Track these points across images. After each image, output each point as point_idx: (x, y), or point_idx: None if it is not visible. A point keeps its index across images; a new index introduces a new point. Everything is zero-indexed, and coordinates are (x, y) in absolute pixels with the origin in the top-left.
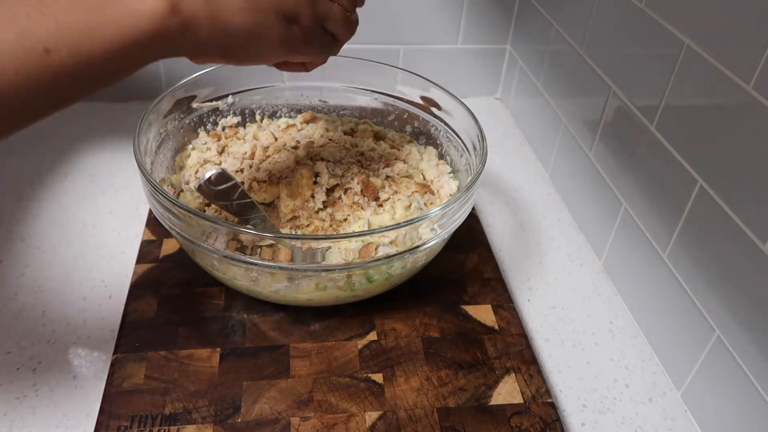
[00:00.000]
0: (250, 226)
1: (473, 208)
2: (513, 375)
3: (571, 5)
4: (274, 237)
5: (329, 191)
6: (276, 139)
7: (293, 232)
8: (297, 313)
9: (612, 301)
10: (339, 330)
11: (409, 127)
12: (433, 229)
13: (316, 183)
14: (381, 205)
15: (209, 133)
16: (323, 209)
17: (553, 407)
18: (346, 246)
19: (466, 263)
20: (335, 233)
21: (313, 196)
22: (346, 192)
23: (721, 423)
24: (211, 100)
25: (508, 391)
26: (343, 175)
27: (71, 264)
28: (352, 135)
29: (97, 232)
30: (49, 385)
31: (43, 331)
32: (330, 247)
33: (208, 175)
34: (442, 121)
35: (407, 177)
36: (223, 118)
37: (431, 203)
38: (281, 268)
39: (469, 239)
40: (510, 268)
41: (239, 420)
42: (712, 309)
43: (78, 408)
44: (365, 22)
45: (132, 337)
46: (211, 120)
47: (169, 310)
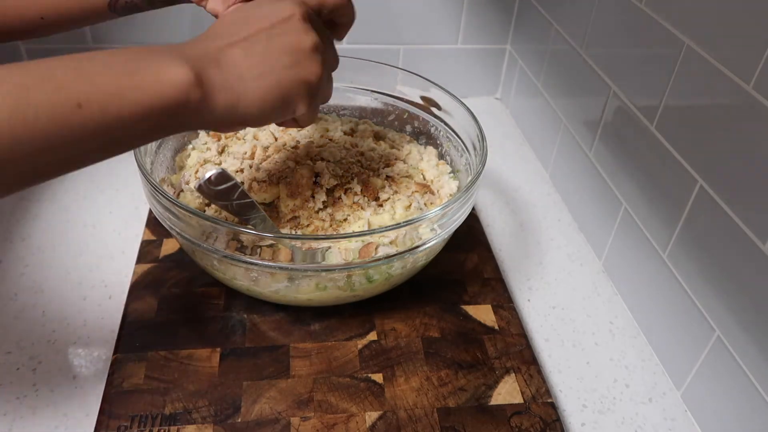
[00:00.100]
0: (250, 226)
1: (473, 208)
2: (513, 375)
3: (571, 5)
4: (274, 237)
5: (329, 191)
6: (276, 139)
7: (293, 232)
8: (297, 313)
9: (612, 301)
10: (339, 330)
11: (409, 127)
12: (433, 229)
13: (316, 183)
14: (381, 205)
15: (209, 133)
16: (323, 209)
17: (553, 407)
18: (346, 246)
19: (466, 263)
20: (335, 233)
21: (313, 196)
22: (346, 192)
23: (721, 423)
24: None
25: (508, 391)
26: (343, 175)
27: (71, 264)
28: (352, 135)
29: (97, 232)
30: (49, 385)
31: (43, 331)
32: (330, 247)
33: (208, 175)
34: (442, 121)
35: (407, 177)
36: None
37: (431, 203)
38: (281, 268)
39: (469, 239)
40: (510, 268)
41: (239, 420)
42: (712, 309)
43: (78, 408)
44: (365, 22)
45: (132, 337)
46: None
47: (169, 310)
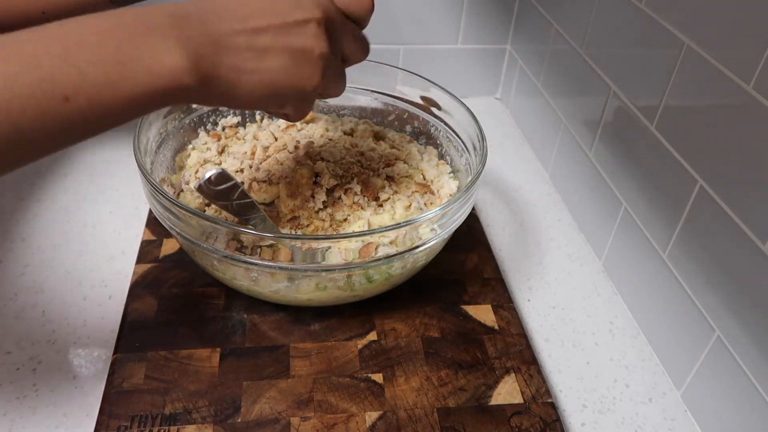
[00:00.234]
0: (250, 226)
1: (473, 208)
2: (513, 375)
3: (571, 5)
4: (274, 237)
5: (329, 191)
6: (276, 139)
7: (293, 232)
8: (297, 313)
9: (612, 301)
10: (339, 330)
11: (409, 127)
12: (433, 229)
13: (316, 183)
14: (381, 205)
15: (209, 133)
16: (323, 209)
17: (553, 407)
18: (346, 246)
19: (466, 263)
20: (335, 233)
21: (313, 196)
22: (346, 192)
23: (721, 423)
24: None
25: (508, 391)
26: (343, 175)
27: (71, 264)
28: (352, 135)
29: (97, 232)
30: (49, 385)
31: (43, 331)
32: (330, 247)
33: (208, 175)
34: (442, 121)
35: (407, 177)
36: (223, 118)
37: (431, 203)
38: (281, 268)
39: (469, 239)
40: (510, 268)
41: (239, 420)
42: (712, 309)
43: (78, 408)
44: None
45: (132, 337)
46: (211, 120)
47: (169, 310)
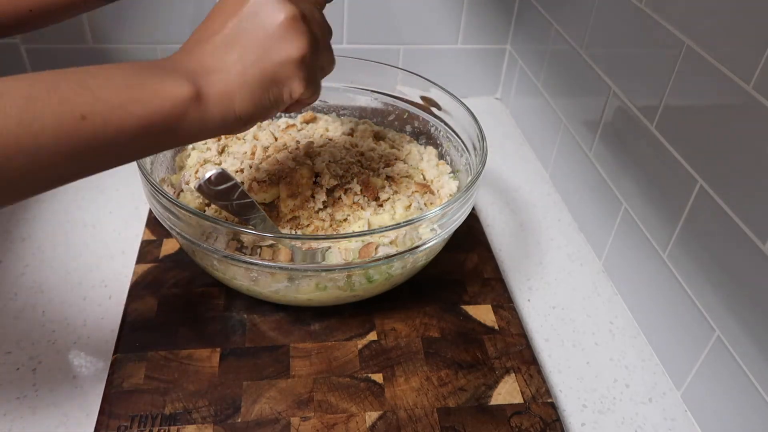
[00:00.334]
0: (250, 226)
1: (473, 208)
2: (513, 375)
3: (571, 5)
4: (274, 237)
5: (329, 191)
6: (276, 139)
7: (293, 232)
8: (297, 313)
9: (612, 301)
10: (339, 330)
11: (409, 127)
12: (433, 229)
13: (316, 183)
14: (381, 205)
15: None
16: (323, 209)
17: (553, 407)
18: (346, 246)
19: (466, 263)
20: (335, 233)
21: (313, 196)
22: (346, 192)
23: (721, 423)
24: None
25: (508, 391)
26: (343, 175)
27: (71, 264)
28: (352, 135)
29: (97, 232)
30: (49, 385)
31: (43, 331)
32: (330, 247)
33: (208, 175)
34: (442, 121)
35: (407, 177)
36: None
37: (431, 203)
38: (281, 268)
39: (469, 239)
40: (510, 268)
41: (239, 420)
42: (712, 309)
43: (78, 408)
44: (365, 22)
45: (132, 337)
46: None
47: (169, 310)
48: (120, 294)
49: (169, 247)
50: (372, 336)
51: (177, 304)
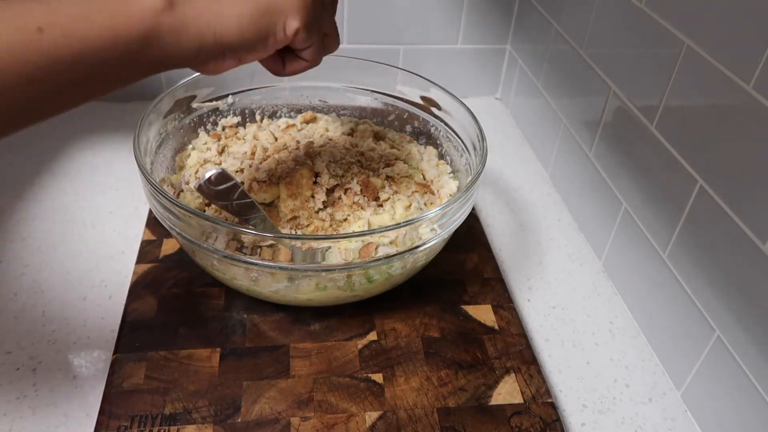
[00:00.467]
0: (250, 226)
1: (473, 208)
2: (513, 375)
3: (571, 5)
4: (274, 237)
5: (329, 191)
6: (276, 139)
7: (293, 232)
8: (297, 313)
9: (612, 301)
10: (339, 330)
11: (409, 127)
12: (433, 229)
13: (316, 183)
14: (381, 205)
15: (209, 133)
16: (323, 209)
17: (553, 407)
18: (346, 246)
19: (466, 263)
20: (335, 233)
21: (313, 196)
22: (346, 192)
23: (721, 423)
24: (211, 100)
25: (508, 391)
26: (343, 175)
27: (71, 264)
28: (352, 135)
29: (97, 232)
30: (49, 385)
31: (43, 331)
32: (330, 247)
33: (208, 175)
34: (442, 121)
35: (407, 177)
36: (223, 118)
37: (431, 203)
38: (281, 268)
39: (469, 239)
40: (510, 268)
41: (239, 420)
42: (712, 309)
43: (78, 408)
44: (365, 22)
45: (132, 337)
46: (211, 120)
47: (169, 310)
48: (120, 294)
49: (169, 247)
50: (372, 336)
51: (177, 304)
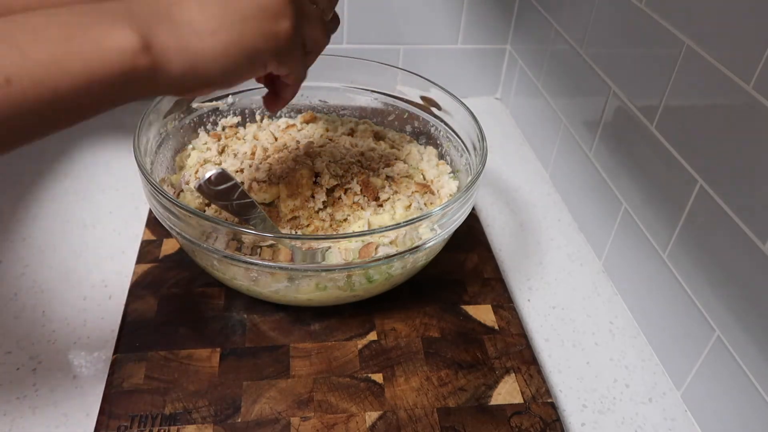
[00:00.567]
0: (250, 226)
1: (473, 208)
2: (513, 375)
3: (571, 5)
4: (274, 237)
5: (329, 191)
6: (276, 139)
7: (293, 232)
8: (297, 313)
9: (612, 301)
10: (339, 330)
11: (409, 127)
12: (433, 229)
13: (316, 183)
14: (381, 205)
15: (209, 133)
16: (323, 209)
17: (553, 407)
18: (346, 246)
19: (466, 263)
20: (335, 233)
21: (313, 196)
22: (346, 192)
23: (721, 423)
24: (211, 100)
25: (508, 391)
26: (343, 175)
27: (71, 264)
28: (352, 135)
29: (97, 232)
30: (49, 385)
31: (43, 331)
32: (330, 247)
33: (208, 175)
34: (442, 121)
35: (407, 177)
36: (223, 118)
37: (431, 203)
38: (281, 268)
39: (469, 239)
40: (510, 268)
41: (239, 420)
42: (712, 309)
43: (78, 408)
44: (365, 22)
45: (132, 337)
46: (211, 120)
47: (169, 310)
48: (120, 294)
49: (169, 247)
50: (372, 336)
51: (177, 304)
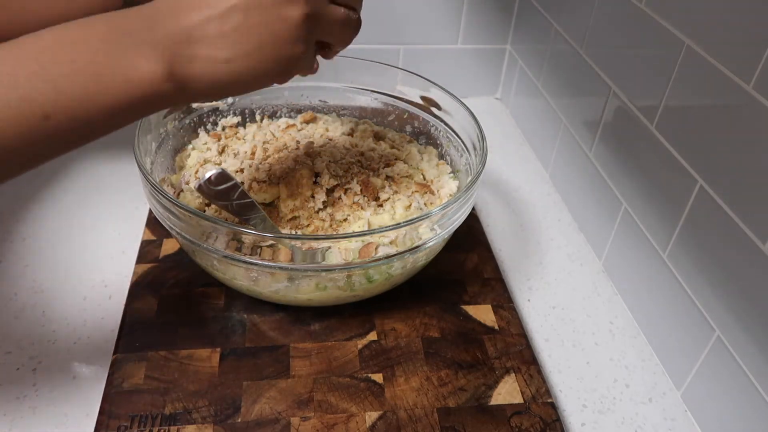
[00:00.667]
0: (250, 226)
1: (473, 208)
2: (513, 375)
3: (571, 5)
4: (274, 237)
5: (329, 191)
6: (276, 139)
7: (293, 232)
8: (297, 313)
9: (612, 301)
10: (339, 330)
11: (409, 127)
12: (433, 229)
13: (316, 183)
14: (381, 205)
15: (209, 133)
16: (323, 209)
17: (553, 407)
18: (346, 246)
19: (466, 263)
20: (335, 233)
21: (313, 196)
22: (346, 192)
23: (721, 423)
24: (211, 100)
25: (508, 391)
26: (343, 175)
27: (71, 264)
28: (352, 135)
29: (97, 232)
30: (49, 385)
31: (43, 331)
32: (330, 247)
33: (208, 175)
34: (442, 121)
35: (407, 177)
36: (223, 118)
37: (431, 203)
38: (281, 268)
39: (469, 239)
40: (510, 268)
41: (239, 420)
42: (712, 309)
43: (78, 408)
44: (365, 22)
45: (132, 337)
46: (211, 120)
47: (169, 310)
48: (120, 294)
49: (169, 247)
50: (372, 336)
51: (177, 304)
